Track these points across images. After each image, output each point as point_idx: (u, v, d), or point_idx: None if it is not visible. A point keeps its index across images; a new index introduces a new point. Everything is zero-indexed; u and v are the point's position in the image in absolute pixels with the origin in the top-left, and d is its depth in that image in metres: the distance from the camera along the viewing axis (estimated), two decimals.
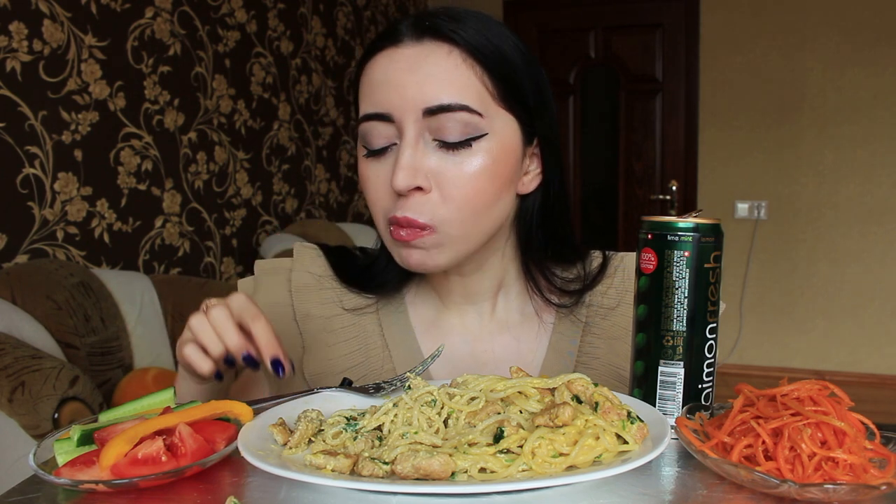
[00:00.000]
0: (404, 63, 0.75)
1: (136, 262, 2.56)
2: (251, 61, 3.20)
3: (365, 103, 0.78)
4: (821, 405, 0.55)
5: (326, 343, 0.88)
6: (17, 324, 1.83)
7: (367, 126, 0.77)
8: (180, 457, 0.57)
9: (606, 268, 0.90)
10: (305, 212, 3.64)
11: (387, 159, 0.77)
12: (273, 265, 0.93)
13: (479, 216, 0.78)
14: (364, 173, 0.80)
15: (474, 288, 0.87)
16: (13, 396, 1.60)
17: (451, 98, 0.74)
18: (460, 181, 0.75)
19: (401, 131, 0.75)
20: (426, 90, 0.74)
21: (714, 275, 0.64)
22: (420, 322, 0.90)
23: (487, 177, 0.76)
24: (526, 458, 0.53)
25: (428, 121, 0.74)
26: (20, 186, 2.09)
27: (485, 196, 0.77)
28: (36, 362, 1.66)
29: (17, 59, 2.08)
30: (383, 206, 0.78)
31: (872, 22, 3.97)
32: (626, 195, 4.56)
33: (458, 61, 0.75)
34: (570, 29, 4.51)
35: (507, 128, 0.78)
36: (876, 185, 4.09)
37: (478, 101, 0.75)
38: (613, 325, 0.88)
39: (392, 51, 0.76)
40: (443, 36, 0.75)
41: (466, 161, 0.75)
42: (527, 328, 0.89)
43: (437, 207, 0.75)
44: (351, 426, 0.60)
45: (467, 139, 0.75)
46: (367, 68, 0.79)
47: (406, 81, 0.75)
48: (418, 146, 0.75)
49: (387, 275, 0.89)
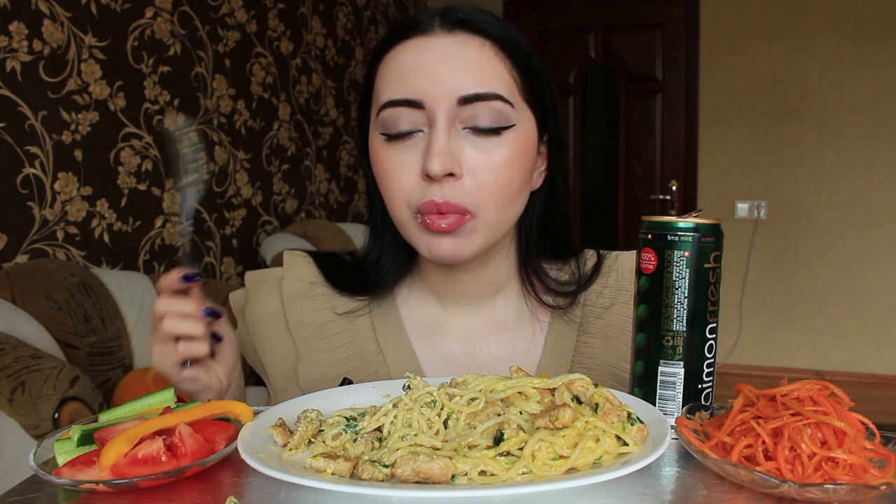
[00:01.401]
0: (438, 52, 0.76)
1: (136, 262, 2.56)
2: (251, 61, 3.20)
3: (391, 89, 0.77)
4: (821, 405, 0.55)
5: (320, 350, 0.88)
6: (17, 324, 1.83)
7: (392, 112, 0.77)
8: (180, 457, 0.57)
9: (601, 267, 0.90)
10: (305, 212, 3.64)
11: (412, 145, 0.77)
12: (263, 275, 0.93)
13: (508, 205, 0.79)
14: (383, 158, 0.79)
15: (475, 287, 0.87)
16: (13, 396, 1.60)
17: (486, 87, 0.76)
18: (493, 168, 0.76)
19: (432, 118, 0.76)
20: (461, 79, 0.75)
21: (714, 275, 0.64)
22: (414, 324, 0.89)
23: (516, 166, 0.78)
24: (526, 461, 0.53)
25: (460, 109, 0.75)
26: (20, 186, 2.09)
27: (514, 185, 0.78)
28: (36, 362, 1.66)
29: (17, 59, 2.08)
30: (406, 193, 0.77)
31: (872, 21, 3.97)
32: (626, 195, 4.56)
33: (491, 53, 0.77)
34: (570, 29, 4.51)
35: (529, 122, 0.80)
36: (876, 185, 4.09)
37: (508, 92, 0.77)
38: (608, 325, 0.88)
39: (422, 39, 0.77)
40: (475, 29, 0.77)
41: (497, 149, 0.76)
42: (523, 328, 0.89)
43: (472, 193, 0.76)
44: (351, 427, 0.60)
45: (498, 127, 0.76)
46: (393, 56, 0.79)
47: (440, 70, 0.75)
48: (451, 133, 0.76)
49: (377, 273, 0.88)
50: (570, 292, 0.87)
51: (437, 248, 0.77)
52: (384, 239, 0.88)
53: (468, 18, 0.78)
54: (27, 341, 1.80)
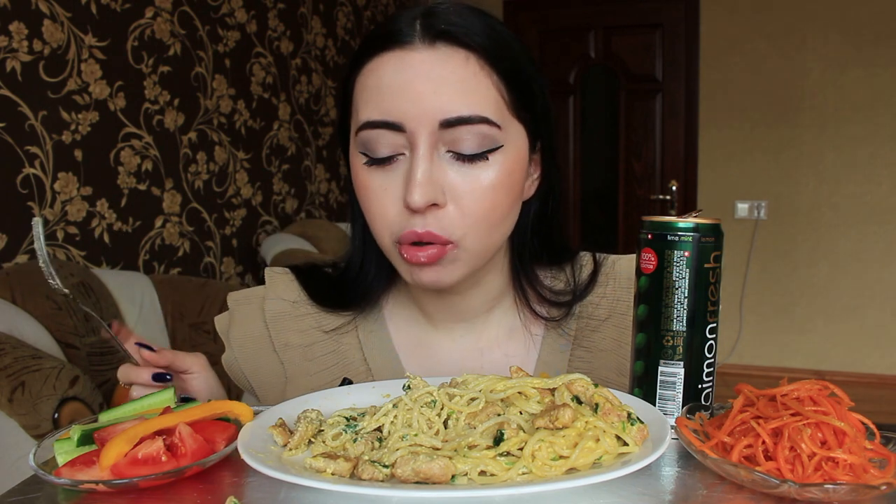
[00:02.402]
0: (418, 69, 0.70)
1: (136, 262, 2.56)
2: (251, 61, 3.20)
3: (369, 109, 0.72)
4: (821, 405, 0.55)
5: (308, 372, 0.85)
6: (17, 324, 1.83)
7: (371, 134, 0.72)
8: (180, 457, 0.57)
9: (597, 275, 0.86)
10: (305, 212, 3.64)
11: (393, 170, 0.72)
12: (245, 295, 0.90)
13: (493, 230, 0.75)
14: (365, 183, 0.74)
15: (465, 306, 0.84)
16: (13, 396, 1.60)
17: (471, 109, 0.70)
18: (477, 194, 0.71)
19: (413, 143, 0.70)
20: (443, 101, 0.69)
21: (714, 275, 0.64)
22: (403, 341, 0.86)
23: (503, 189, 0.73)
24: (526, 461, 0.52)
25: (443, 132, 0.70)
26: (20, 186, 2.09)
27: (501, 209, 0.74)
28: (36, 362, 1.66)
29: (17, 59, 2.08)
30: (389, 221, 0.73)
31: (872, 22, 3.97)
32: (626, 195, 4.56)
33: (476, 69, 0.71)
34: (570, 29, 4.51)
35: (519, 138, 0.75)
36: (876, 185, 4.09)
37: (496, 111, 0.71)
38: (604, 338, 0.84)
39: (401, 53, 0.71)
40: (458, 41, 0.71)
41: (483, 174, 0.71)
42: (515, 343, 0.86)
43: (455, 222, 0.71)
44: (351, 427, 0.60)
45: (484, 152, 0.71)
46: (369, 70, 0.73)
47: (421, 90, 0.69)
48: (433, 159, 0.71)
49: (360, 285, 0.85)
50: (565, 302, 0.84)
51: (418, 276, 0.74)
52: (366, 248, 0.84)
53: (451, 30, 0.71)
54: (27, 341, 1.80)
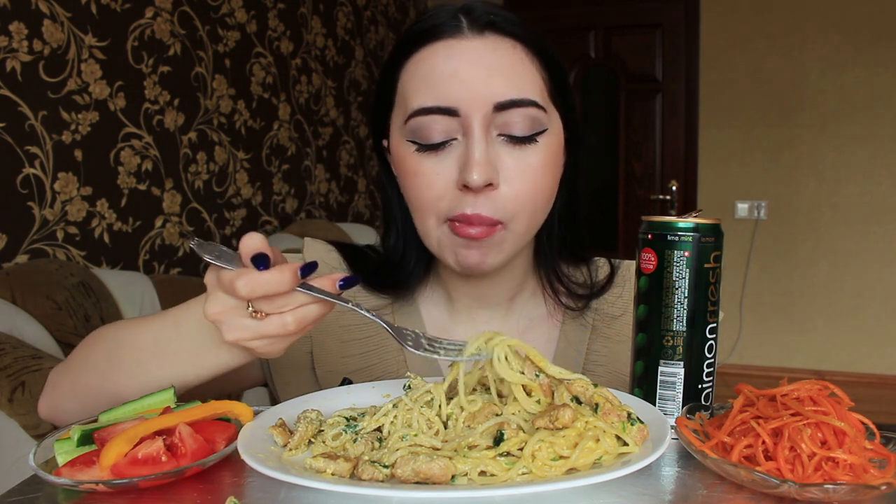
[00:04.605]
0: (470, 56, 0.73)
1: (136, 262, 2.56)
2: (251, 61, 3.20)
3: (420, 96, 0.74)
4: (821, 405, 0.55)
5: (340, 339, 0.86)
6: (17, 324, 1.83)
7: (423, 120, 0.74)
8: (180, 457, 0.57)
9: (615, 277, 0.89)
10: (305, 212, 3.64)
11: (446, 155, 0.74)
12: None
13: (539, 212, 0.78)
14: (416, 169, 0.75)
15: (493, 291, 0.86)
16: (13, 396, 1.60)
17: (521, 93, 0.73)
18: (528, 176, 0.74)
19: (467, 126, 0.73)
20: (495, 85, 0.72)
21: (714, 275, 0.64)
22: (433, 327, 0.88)
23: (550, 172, 0.77)
24: (526, 462, 0.52)
25: (495, 116, 0.73)
26: (20, 186, 2.09)
27: (547, 192, 0.77)
28: (36, 362, 1.66)
29: (17, 59, 2.08)
30: (439, 203, 0.75)
31: (872, 22, 3.97)
32: (626, 195, 4.56)
33: (522, 55, 0.75)
34: (570, 29, 4.51)
35: (558, 125, 0.78)
36: (876, 185, 4.09)
37: (541, 96, 0.75)
38: (619, 332, 0.88)
39: (452, 42, 0.74)
40: (505, 31, 0.75)
41: (532, 157, 0.75)
42: (537, 331, 0.88)
43: (506, 203, 0.74)
44: (351, 427, 0.60)
45: (534, 134, 0.74)
46: (419, 59, 0.75)
47: (473, 75, 0.72)
48: (488, 141, 0.73)
49: (400, 273, 0.86)
50: (586, 295, 0.87)
51: (463, 258, 0.76)
52: (407, 239, 0.85)
53: (497, 20, 0.75)
54: (27, 341, 1.80)
